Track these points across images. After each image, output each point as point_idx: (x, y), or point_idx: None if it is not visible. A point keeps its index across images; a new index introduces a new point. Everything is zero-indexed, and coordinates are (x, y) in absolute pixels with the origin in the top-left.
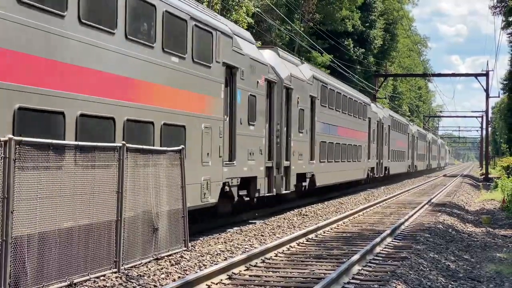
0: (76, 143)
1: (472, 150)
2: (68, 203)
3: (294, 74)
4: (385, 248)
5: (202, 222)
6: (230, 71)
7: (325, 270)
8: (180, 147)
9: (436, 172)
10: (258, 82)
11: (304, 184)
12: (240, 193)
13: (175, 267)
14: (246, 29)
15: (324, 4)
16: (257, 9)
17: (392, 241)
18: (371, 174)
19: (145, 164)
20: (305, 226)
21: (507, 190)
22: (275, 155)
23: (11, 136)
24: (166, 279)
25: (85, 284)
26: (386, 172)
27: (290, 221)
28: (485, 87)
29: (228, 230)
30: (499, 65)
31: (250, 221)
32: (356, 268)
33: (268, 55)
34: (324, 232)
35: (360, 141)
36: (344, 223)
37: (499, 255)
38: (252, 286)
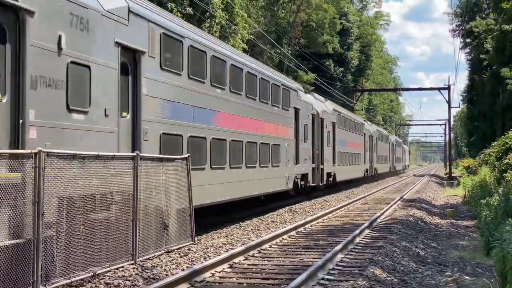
0: (96, 153)
1: (438, 153)
2: (90, 204)
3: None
4: (363, 238)
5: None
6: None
7: (313, 258)
8: (186, 155)
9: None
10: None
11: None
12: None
13: (184, 259)
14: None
15: (308, 30)
16: (251, 36)
17: (369, 232)
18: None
19: (156, 170)
20: (295, 221)
21: (467, 187)
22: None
23: (40, 148)
24: (176, 268)
25: (106, 274)
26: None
27: (282, 217)
28: (447, 99)
29: (229, 225)
30: (458, 80)
31: (247, 217)
32: (339, 256)
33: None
34: (312, 226)
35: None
36: (328, 218)
37: (461, 242)
38: (250, 273)
